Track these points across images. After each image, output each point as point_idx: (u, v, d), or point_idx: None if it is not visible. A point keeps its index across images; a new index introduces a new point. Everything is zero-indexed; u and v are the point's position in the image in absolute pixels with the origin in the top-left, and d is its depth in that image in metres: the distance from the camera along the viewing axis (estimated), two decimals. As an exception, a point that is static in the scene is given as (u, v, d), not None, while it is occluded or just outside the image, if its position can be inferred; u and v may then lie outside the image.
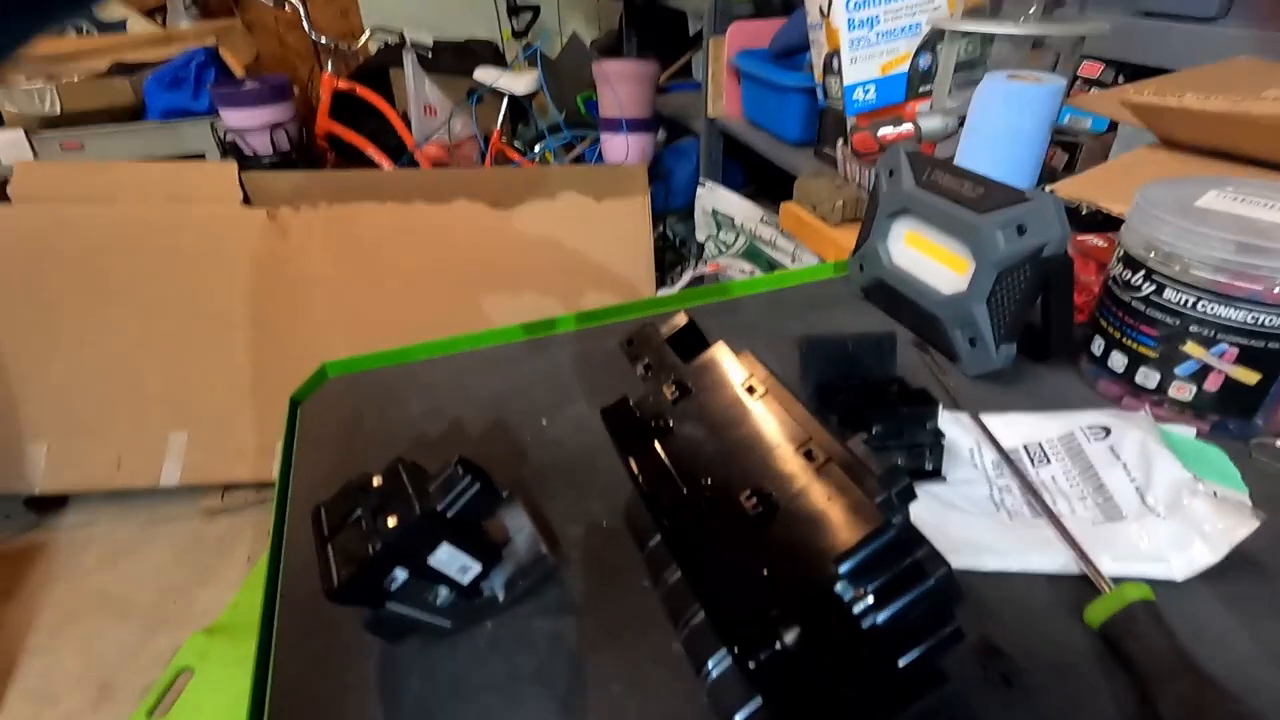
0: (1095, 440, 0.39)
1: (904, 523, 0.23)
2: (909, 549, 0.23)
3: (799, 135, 1.47)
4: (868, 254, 0.55)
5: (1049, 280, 0.44)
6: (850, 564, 0.22)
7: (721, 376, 0.31)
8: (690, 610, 0.29)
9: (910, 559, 0.23)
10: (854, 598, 0.23)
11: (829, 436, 0.26)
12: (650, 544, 0.33)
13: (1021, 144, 0.83)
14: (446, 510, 0.28)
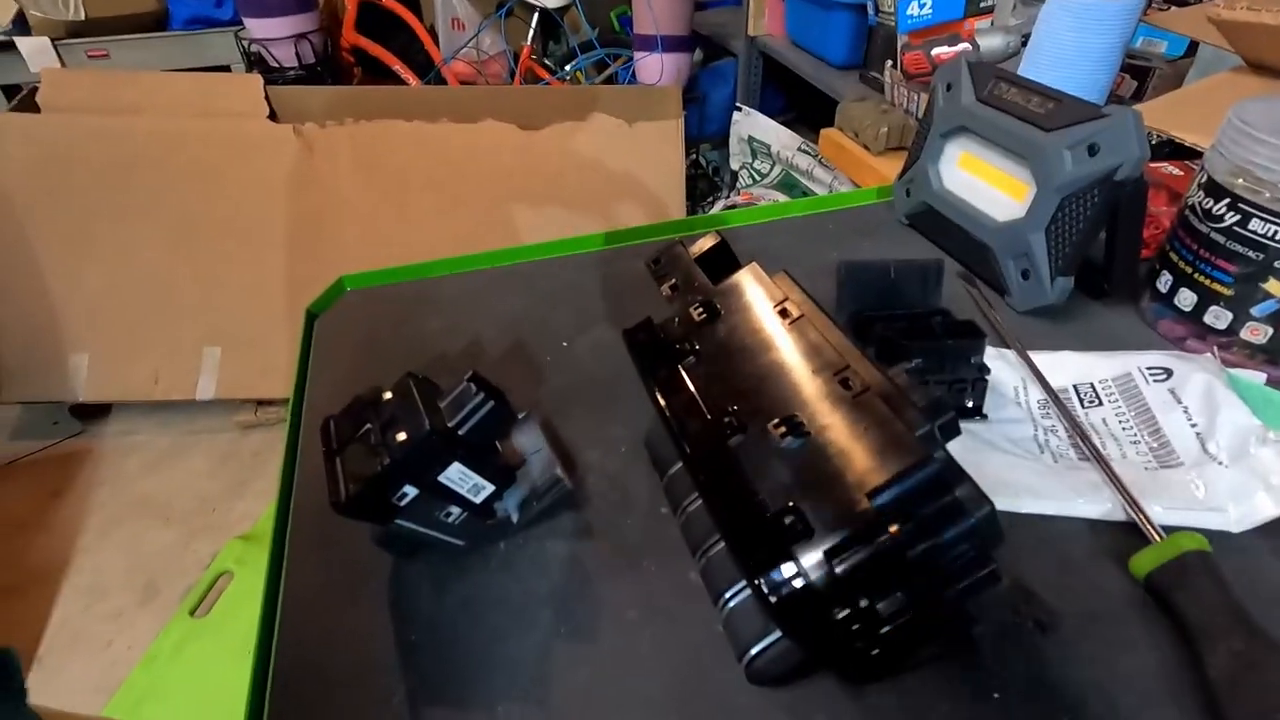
0: (1155, 382, 0.36)
1: (946, 457, 0.21)
2: (949, 485, 0.21)
3: (845, 56, 1.38)
4: (916, 177, 0.51)
5: (1118, 208, 0.40)
6: (886, 496, 0.21)
7: (753, 299, 0.29)
8: (710, 540, 0.28)
9: (951, 496, 0.21)
10: (889, 535, 0.21)
11: (868, 365, 0.24)
12: (671, 471, 0.32)
13: (1089, 67, 0.76)
14: (458, 428, 0.27)
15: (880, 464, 0.21)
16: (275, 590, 0.30)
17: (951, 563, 0.22)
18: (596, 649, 0.27)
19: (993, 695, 0.26)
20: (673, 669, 0.27)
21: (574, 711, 0.26)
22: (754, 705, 0.26)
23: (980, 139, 0.47)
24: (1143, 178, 0.40)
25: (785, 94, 1.80)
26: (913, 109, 1.18)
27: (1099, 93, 0.76)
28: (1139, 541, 0.30)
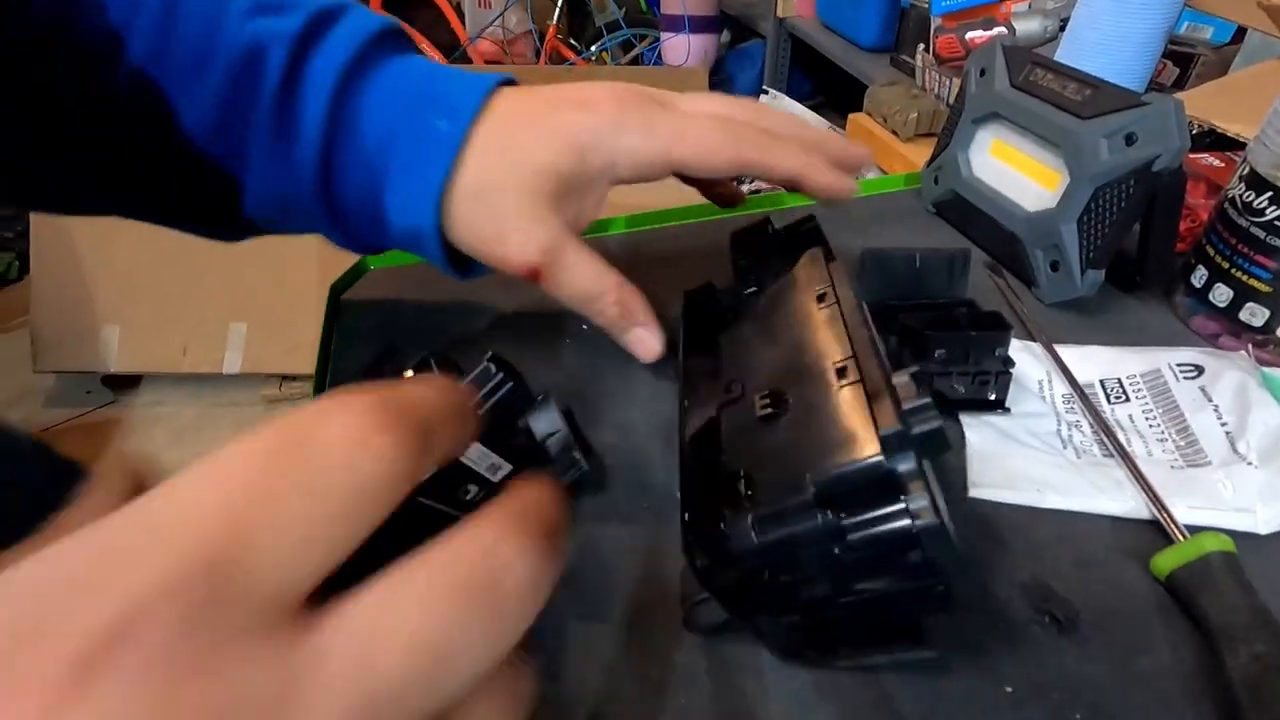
0: (1185, 379, 0.35)
1: (909, 468, 0.20)
2: (899, 491, 0.20)
3: (876, 39, 1.35)
4: (945, 163, 0.50)
5: (1154, 199, 0.39)
6: (825, 483, 0.20)
7: (798, 282, 0.29)
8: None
9: (898, 503, 0.20)
10: (818, 521, 0.20)
11: (874, 360, 0.23)
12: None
13: (1130, 53, 0.74)
14: (477, 408, 0.27)
15: (832, 452, 0.21)
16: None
17: (895, 572, 0.22)
18: (608, 630, 0.28)
19: (1005, 689, 0.26)
20: (684, 652, 0.27)
21: (587, 689, 0.26)
22: (766, 688, 0.26)
23: (1013, 126, 0.46)
24: (1181, 169, 0.39)
25: (813, 77, 1.78)
26: (944, 94, 1.15)
27: (1139, 80, 0.73)
28: (1162, 541, 0.30)
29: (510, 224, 0.31)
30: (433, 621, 0.12)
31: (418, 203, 0.31)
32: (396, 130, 0.31)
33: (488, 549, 0.13)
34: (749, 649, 0.27)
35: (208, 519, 0.11)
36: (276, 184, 0.32)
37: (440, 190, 0.31)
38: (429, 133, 0.31)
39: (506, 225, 0.31)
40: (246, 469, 0.12)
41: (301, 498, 0.12)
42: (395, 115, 0.31)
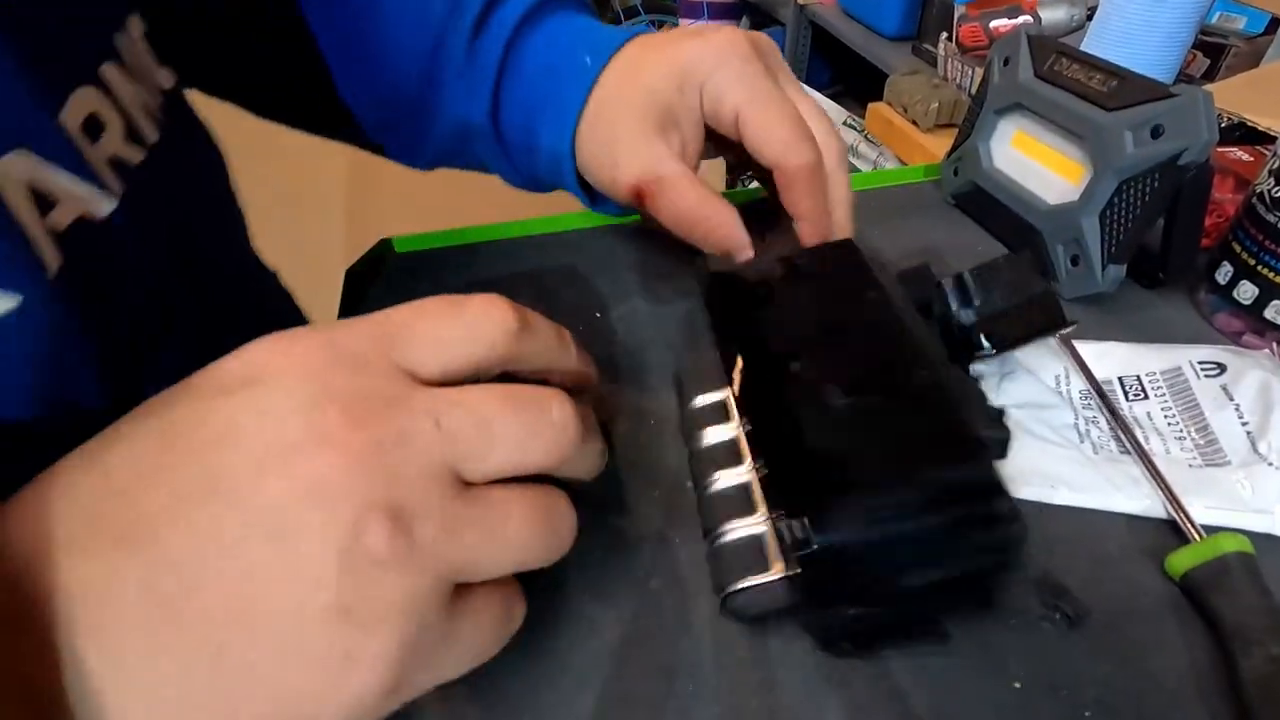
0: (1206, 377, 0.35)
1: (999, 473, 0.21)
2: (991, 495, 0.21)
3: (897, 27, 1.33)
4: (966, 155, 0.49)
5: (1180, 194, 0.39)
6: (935, 485, 0.21)
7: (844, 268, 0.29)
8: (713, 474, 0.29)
9: (988, 507, 0.21)
10: (927, 522, 0.21)
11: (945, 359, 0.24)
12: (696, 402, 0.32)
13: (1158, 43, 0.72)
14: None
15: (942, 452, 0.22)
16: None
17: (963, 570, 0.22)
18: (618, 616, 0.28)
19: (1014, 685, 0.26)
20: (693, 639, 0.27)
21: (596, 674, 0.26)
22: (774, 678, 0.26)
23: (1036, 117, 0.45)
24: (1209, 163, 0.38)
25: (832, 66, 1.75)
26: (966, 84, 1.14)
27: (1168, 71, 0.72)
28: (1177, 540, 0.29)
29: (619, 145, 0.33)
30: (490, 406, 0.18)
31: (558, 128, 0.35)
32: (554, 66, 0.35)
33: (545, 395, 0.20)
34: (756, 638, 0.27)
35: (394, 317, 0.19)
36: (462, 108, 0.38)
37: (577, 115, 0.34)
38: (577, 67, 0.34)
39: (616, 147, 0.33)
40: (422, 305, 0.20)
41: (445, 320, 0.20)
42: (554, 55, 0.36)
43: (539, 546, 0.19)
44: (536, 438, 0.19)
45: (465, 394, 0.18)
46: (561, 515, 0.20)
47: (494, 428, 0.18)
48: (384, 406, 0.17)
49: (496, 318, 0.20)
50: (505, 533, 0.18)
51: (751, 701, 0.25)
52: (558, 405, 0.19)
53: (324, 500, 0.16)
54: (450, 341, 0.19)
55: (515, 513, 0.19)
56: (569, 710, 0.25)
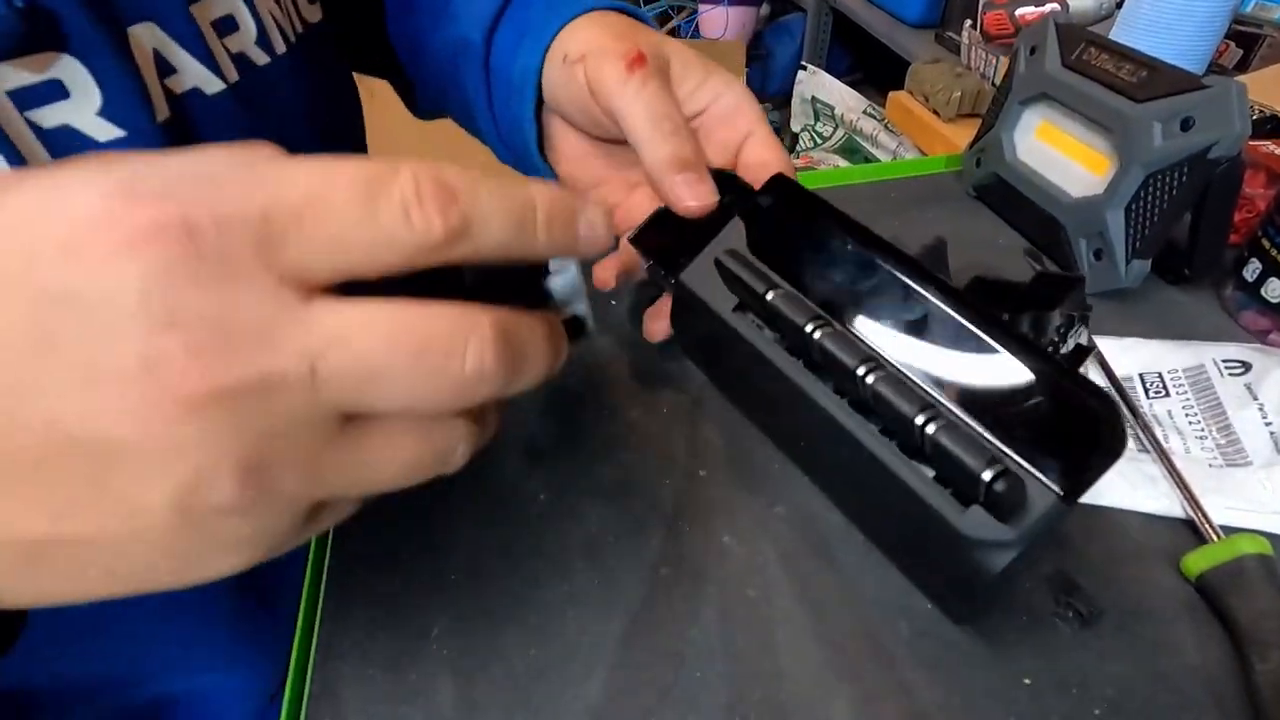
0: (1230, 375, 0.34)
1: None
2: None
3: (921, 14, 1.31)
4: (989, 145, 0.48)
5: (1209, 188, 0.38)
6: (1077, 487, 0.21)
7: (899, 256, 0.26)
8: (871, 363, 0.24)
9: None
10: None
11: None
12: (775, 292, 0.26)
13: (1190, 33, 0.70)
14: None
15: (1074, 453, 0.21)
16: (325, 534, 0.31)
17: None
18: (627, 602, 0.28)
19: (1024, 681, 0.25)
20: (702, 627, 0.27)
21: (604, 659, 0.26)
22: (782, 669, 0.26)
23: (1063, 108, 0.44)
24: (1240, 157, 0.37)
25: (853, 53, 1.73)
26: (989, 73, 1.12)
27: (1199, 61, 0.70)
28: (1194, 540, 0.29)
29: (604, 41, 0.32)
30: (382, 352, 0.14)
31: (536, 44, 0.33)
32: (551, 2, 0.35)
33: (460, 333, 0.15)
34: (765, 627, 0.27)
35: (285, 197, 0.14)
36: (464, 26, 0.38)
37: (556, 31, 0.33)
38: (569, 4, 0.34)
39: (602, 42, 0.32)
40: (328, 180, 0.14)
41: (350, 214, 0.14)
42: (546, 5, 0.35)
43: (418, 477, 0.17)
44: (437, 391, 0.15)
45: (353, 328, 0.14)
46: (454, 446, 0.17)
47: (382, 380, 0.14)
48: (245, 344, 0.13)
49: (418, 224, 0.14)
50: (382, 468, 0.16)
51: (758, 691, 0.25)
52: (474, 349, 0.15)
53: (155, 453, 0.13)
54: (353, 245, 0.14)
55: (398, 450, 0.16)
56: (577, 693, 0.25)
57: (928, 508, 0.22)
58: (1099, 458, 0.21)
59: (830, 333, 0.24)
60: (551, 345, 0.17)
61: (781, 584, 0.28)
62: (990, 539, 0.21)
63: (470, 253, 0.16)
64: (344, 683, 0.26)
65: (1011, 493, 0.20)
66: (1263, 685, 0.24)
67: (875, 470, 0.24)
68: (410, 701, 0.25)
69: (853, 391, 0.24)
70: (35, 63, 0.23)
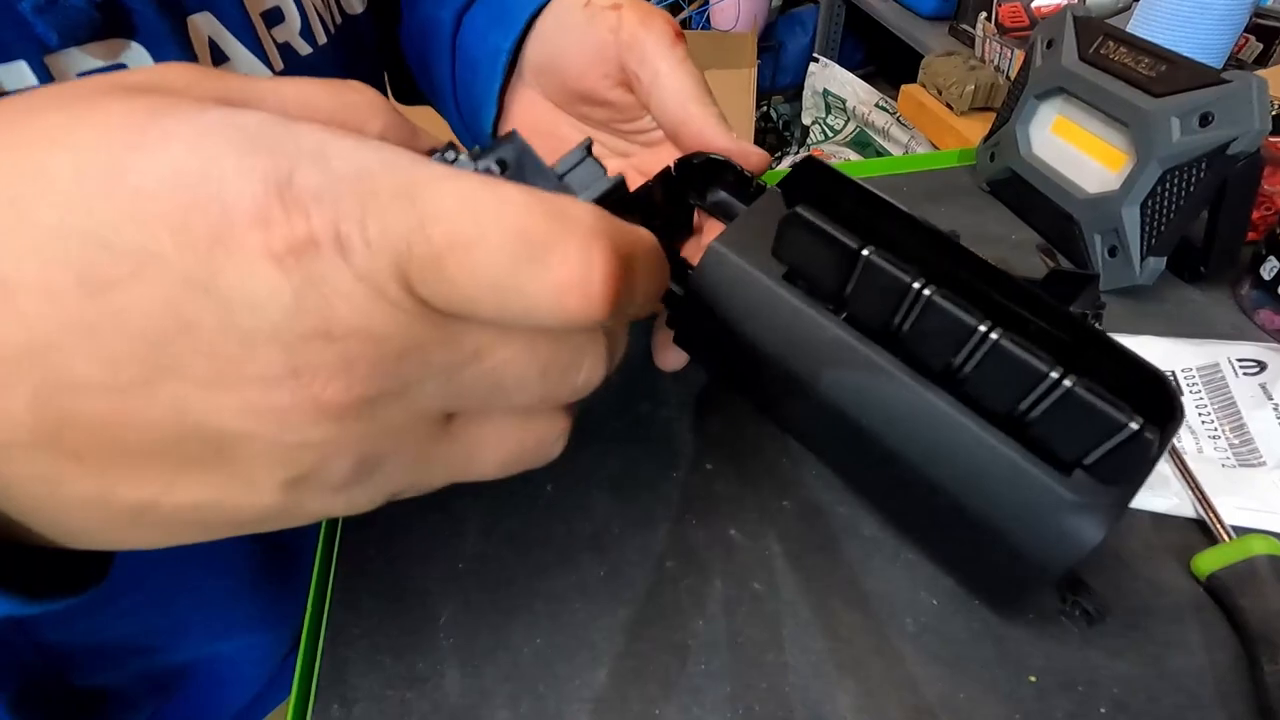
0: (1245, 374, 0.34)
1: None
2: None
3: (935, 6, 1.30)
4: (1003, 140, 0.48)
5: (1226, 184, 0.37)
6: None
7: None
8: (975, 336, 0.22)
9: None
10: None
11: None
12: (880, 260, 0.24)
13: (1209, 26, 0.69)
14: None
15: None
16: (335, 521, 0.31)
17: None
18: (634, 593, 0.28)
19: (1029, 679, 0.25)
20: (707, 619, 0.27)
21: (610, 648, 0.26)
22: (786, 661, 0.26)
23: (1079, 102, 0.43)
24: (1259, 153, 0.36)
25: (866, 46, 1.72)
26: (1004, 66, 1.11)
27: (1219, 55, 0.69)
28: (1205, 540, 0.29)
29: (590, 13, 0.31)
30: (516, 370, 0.15)
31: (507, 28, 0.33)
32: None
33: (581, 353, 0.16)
34: (770, 620, 0.27)
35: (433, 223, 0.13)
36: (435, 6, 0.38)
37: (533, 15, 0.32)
38: None
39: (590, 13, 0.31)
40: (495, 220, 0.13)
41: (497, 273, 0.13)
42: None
43: (518, 468, 0.17)
44: (551, 398, 0.16)
45: (488, 345, 0.14)
46: (548, 446, 0.17)
47: (508, 391, 0.15)
48: (391, 359, 0.13)
49: (574, 309, 0.13)
50: (485, 460, 0.16)
51: (762, 683, 0.25)
52: (590, 363, 0.16)
53: (284, 447, 0.13)
54: (488, 304, 0.13)
55: (502, 444, 0.17)
56: (583, 682, 0.26)
57: (1030, 478, 0.21)
58: (1171, 423, 0.20)
59: (942, 291, 0.22)
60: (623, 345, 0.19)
61: (787, 578, 0.28)
62: (1097, 502, 0.21)
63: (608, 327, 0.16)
64: (352, 669, 0.26)
65: (1128, 450, 0.20)
66: (1271, 686, 0.23)
67: (965, 448, 0.22)
68: (417, 688, 0.26)
69: (950, 361, 0.23)
70: (106, 49, 0.25)
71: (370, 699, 0.25)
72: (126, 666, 0.36)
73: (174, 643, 0.37)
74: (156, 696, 0.38)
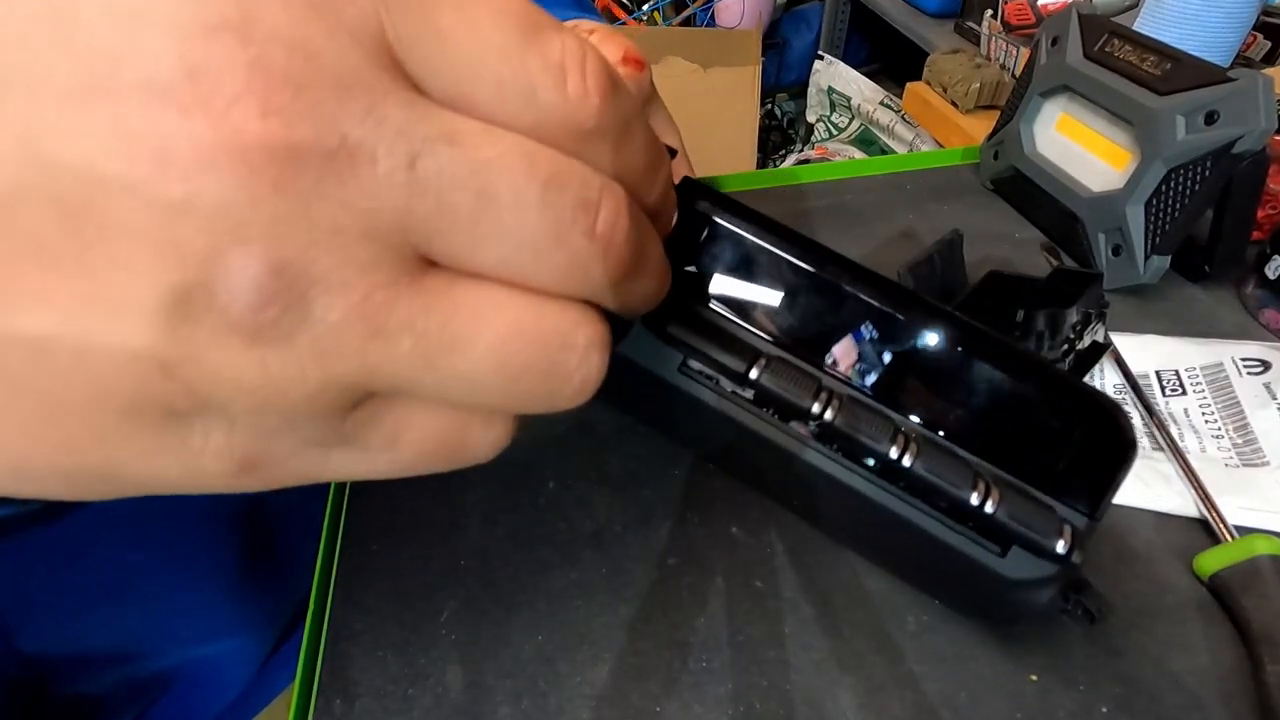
0: (1249, 374, 0.34)
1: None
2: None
3: (940, 3, 1.29)
4: (1007, 138, 0.48)
5: (1231, 183, 0.37)
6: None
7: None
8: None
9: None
10: None
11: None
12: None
13: (1217, 24, 0.69)
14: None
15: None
16: (338, 517, 0.32)
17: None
18: (635, 590, 0.28)
19: (1030, 677, 0.25)
20: (708, 616, 0.27)
21: (611, 645, 0.27)
22: (788, 658, 0.26)
23: (1083, 100, 0.43)
24: (1265, 152, 0.36)
25: (871, 44, 1.71)
26: (1010, 64, 1.10)
27: (1225, 53, 0.69)
28: (1207, 539, 0.29)
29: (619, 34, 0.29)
30: (509, 166, 0.11)
31: None
32: None
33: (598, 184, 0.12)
34: (771, 618, 0.27)
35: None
36: None
37: None
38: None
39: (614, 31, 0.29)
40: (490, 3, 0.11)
41: (502, 42, 0.11)
42: None
43: (519, 391, 0.12)
44: (561, 244, 0.11)
45: (472, 131, 0.11)
46: (572, 335, 0.12)
47: (501, 203, 0.11)
48: (331, 93, 0.09)
49: (572, 91, 0.11)
50: (469, 342, 0.11)
51: (763, 680, 0.26)
52: (609, 207, 0.12)
53: (163, 212, 0.09)
54: (485, 79, 0.11)
55: (494, 318, 0.11)
56: (584, 679, 0.26)
57: (969, 560, 0.22)
58: (1115, 468, 0.21)
59: (843, 407, 0.21)
60: (666, 264, 0.14)
61: (789, 575, 0.28)
62: (1035, 577, 0.21)
63: (603, 161, 0.12)
64: (354, 665, 0.26)
65: (1049, 534, 0.20)
66: (1274, 686, 0.23)
67: (900, 529, 0.22)
68: (419, 684, 0.26)
69: (866, 458, 0.22)
70: None
71: (372, 694, 0.25)
72: (106, 674, 0.36)
73: (155, 649, 0.37)
74: (138, 703, 0.37)
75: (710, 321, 0.22)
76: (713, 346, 0.21)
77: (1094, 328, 0.33)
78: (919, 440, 0.21)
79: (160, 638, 0.36)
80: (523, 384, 0.12)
